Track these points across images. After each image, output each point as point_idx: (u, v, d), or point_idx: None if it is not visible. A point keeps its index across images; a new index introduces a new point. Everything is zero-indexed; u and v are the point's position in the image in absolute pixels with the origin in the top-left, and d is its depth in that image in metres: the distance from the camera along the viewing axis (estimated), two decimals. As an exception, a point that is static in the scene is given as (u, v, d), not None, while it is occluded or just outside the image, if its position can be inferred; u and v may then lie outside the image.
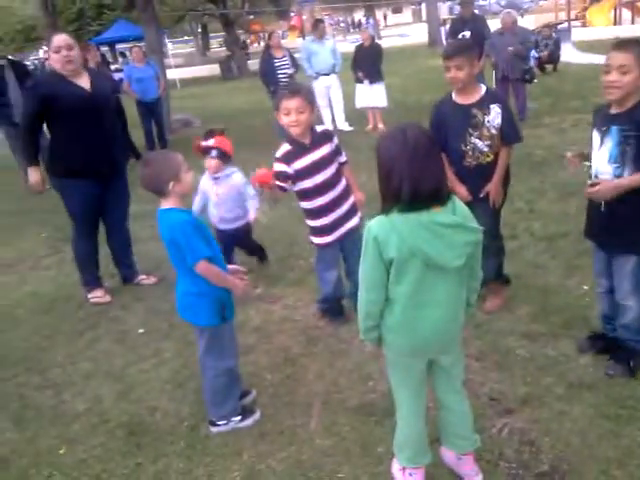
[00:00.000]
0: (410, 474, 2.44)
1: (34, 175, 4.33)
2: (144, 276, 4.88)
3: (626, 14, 22.61)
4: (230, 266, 2.97)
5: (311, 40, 10.03)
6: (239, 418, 2.97)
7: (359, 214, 3.75)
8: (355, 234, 3.64)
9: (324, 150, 3.52)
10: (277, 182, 3.43)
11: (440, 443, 2.54)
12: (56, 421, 3.23)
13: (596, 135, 2.85)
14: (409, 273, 2.06)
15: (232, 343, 2.96)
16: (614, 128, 2.72)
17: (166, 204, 2.69)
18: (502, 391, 2.99)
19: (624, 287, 2.91)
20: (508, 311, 3.73)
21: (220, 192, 4.43)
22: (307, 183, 3.50)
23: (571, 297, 3.81)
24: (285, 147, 3.48)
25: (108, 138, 4.37)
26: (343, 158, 3.68)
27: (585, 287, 3.87)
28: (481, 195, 3.51)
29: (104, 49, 28.99)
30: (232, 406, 2.96)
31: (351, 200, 3.69)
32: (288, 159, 3.44)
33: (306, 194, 3.57)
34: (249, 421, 2.99)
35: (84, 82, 4.24)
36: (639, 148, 2.66)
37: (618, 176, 2.75)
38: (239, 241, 4.73)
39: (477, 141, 3.41)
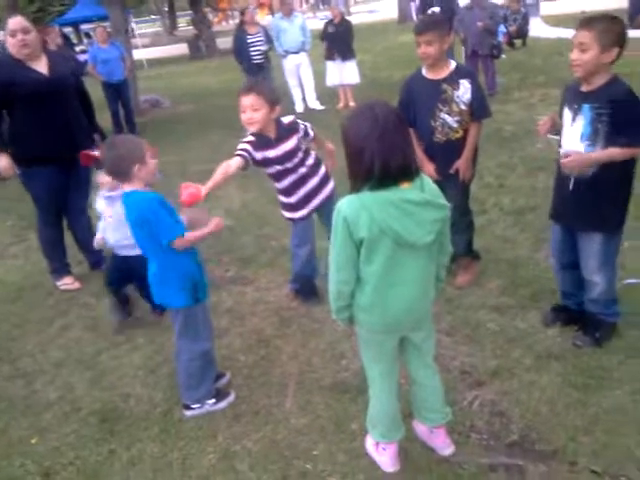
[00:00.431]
0: (383, 449, 2.47)
1: (2, 161, 4.20)
2: (114, 262, 4.81)
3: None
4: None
5: (280, 17, 9.87)
6: (213, 401, 2.96)
7: (332, 182, 3.72)
8: (332, 202, 3.56)
9: (289, 144, 3.44)
10: (239, 153, 3.34)
11: (412, 417, 2.58)
12: (27, 411, 3.19)
13: (567, 113, 2.85)
14: (380, 252, 2.06)
15: (206, 325, 2.94)
16: (586, 106, 2.71)
17: (129, 187, 2.64)
18: (473, 364, 3.03)
19: (590, 264, 2.94)
20: (478, 285, 3.77)
21: (115, 213, 3.54)
22: (273, 169, 3.49)
23: (539, 270, 3.86)
24: (250, 138, 3.41)
25: (69, 123, 4.26)
26: (311, 136, 3.62)
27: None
28: (451, 171, 3.52)
29: (68, 30, 28.23)
30: (206, 389, 2.95)
31: (321, 172, 3.65)
32: (254, 147, 3.37)
33: (273, 176, 3.57)
34: (223, 404, 2.99)
35: (42, 66, 4.12)
36: (611, 126, 2.65)
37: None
38: (138, 273, 3.24)
39: (446, 117, 3.42)
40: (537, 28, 15.52)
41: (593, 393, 2.70)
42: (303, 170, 3.53)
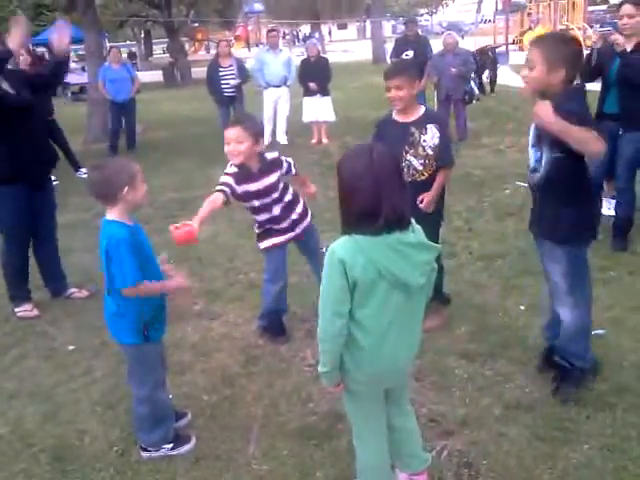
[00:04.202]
0: None
1: None
2: (75, 289, 4.66)
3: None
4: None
5: (266, 50, 9.96)
6: (171, 445, 2.82)
7: (309, 216, 3.78)
8: (310, 231, 3.77)
9: (272, 179, 3.50)
10: (220, 188, 3.38)
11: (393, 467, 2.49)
12: (-26, 446, 3.02)
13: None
14: (374, 296, 2.01)
15: (155, 371, 2.77)
16: None
17: (111, 214, 2.54)
18: (441, 412, 2.98)
19: (554, 285, 2.89)
20: (447, 330, 3.74)
21: None
22: (254, 203, 3.51)
23: (508, 317, 3.87)
24: (232, 169, 3.44)
25: (37, 139, 4.20)
26: (293, 172, 3.71)
27: (522, 307, 3.94)
28: (417, 200, 3.49)
29: (41, 50, 28.00)
30: (161, 434, 2.80)
31: (298, 209, 3.69)
32: (236, 179, 3.41)
33: (253, 210, 3.58)
34: (182, 450, 2.84)
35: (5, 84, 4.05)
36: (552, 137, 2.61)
37: (537, 160, 2.75)
38: None
39: (412, 159, 3.47)
40: (506, 76, 16.01)
41: (562, 447, 2.67)
42: (279, 207, 3.55)
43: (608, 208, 5.47)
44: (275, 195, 3.52)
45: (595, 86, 4.70)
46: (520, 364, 3.31)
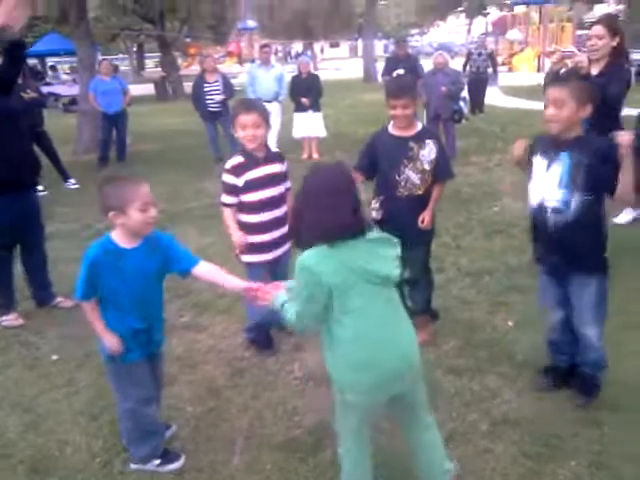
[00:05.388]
0: None
1: None
2: (61, 298, 4.61)
3: (548, 62, 24.02)
4: None
5: (258, 65, 9.99)
6: (158, 462, 2.76)
7: (289, 242, 3.74)
8: (285, 258, 3.72)
9: (275, 168, 3.58)
10: (224, 196, 3.51)
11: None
12: (-48, 456, 2.96)
13: (541, 160, 2.87)
14: (354, 297, 2.03)
15: (137, 386, 2.67)
16: (564, 154, 2.75)
17: (114, 231, 2.56)
18: (428, 427, 2.96)
19: (584, 313, 2.90)
20: (434, 345, 3.74)
21: None
22: (255, 196, 3.51)
23: (496, 333, 3.87)
24: (237, 159, 3.49)
25: (26, 144, 4.22)
26: (288, 184, 3.71)
27: (510, 323, 3.95)
28: (419, 220, 3.54)
29: (33, 62, 27.99)
30: (149, 450, 2.75)
31: (285, 229, 3.68)
32: (238, 171, 3.46)
33: (252, 207, 3.55)
34: (170, 467, 2.76)
35: None
36: (588, 174, 2.69)
37: (566, 202, 2.76)
38: None
39: (410, 173, 3.48)
40: (495, 97, 16.19)
41: (548, 463, 2.66)
42: (276, 213, 3.58)
43: None
44: (275, 191, 3.54)
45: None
46: (508, 380, 3.32)
